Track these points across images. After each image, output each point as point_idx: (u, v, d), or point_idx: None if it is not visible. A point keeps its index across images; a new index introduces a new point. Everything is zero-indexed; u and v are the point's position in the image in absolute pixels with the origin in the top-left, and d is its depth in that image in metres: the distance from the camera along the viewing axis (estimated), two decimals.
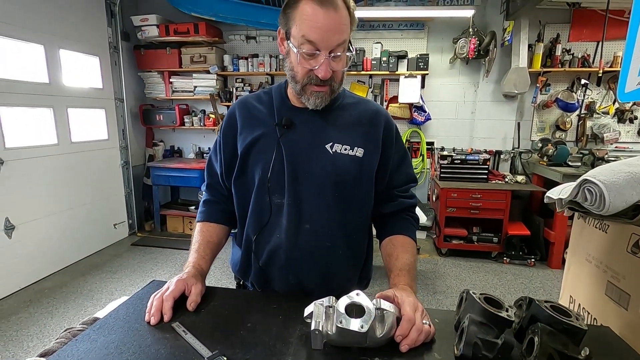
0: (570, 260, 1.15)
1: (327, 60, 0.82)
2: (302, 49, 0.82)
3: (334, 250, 0.95)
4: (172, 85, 4.17)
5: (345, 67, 0.88)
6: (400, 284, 0.84)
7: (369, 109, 0.99)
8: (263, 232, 0.94)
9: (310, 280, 0.95)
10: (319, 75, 0.83)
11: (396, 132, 1.02)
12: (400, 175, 1.02)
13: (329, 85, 0.88)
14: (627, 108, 3.68)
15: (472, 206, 3.39)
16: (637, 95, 0.86)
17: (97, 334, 0.72)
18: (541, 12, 3.50)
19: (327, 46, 0.81)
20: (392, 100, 4.04)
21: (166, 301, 0.77)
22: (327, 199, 0.92)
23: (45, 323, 2.43)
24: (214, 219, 1.02)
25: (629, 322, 0.86)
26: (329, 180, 0.91)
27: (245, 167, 0.95)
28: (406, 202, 1.02)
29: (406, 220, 1.02)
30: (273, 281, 0.97)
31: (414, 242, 0.98)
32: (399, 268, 0.89)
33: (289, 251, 0.92)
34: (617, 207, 0.85)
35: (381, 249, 1.01)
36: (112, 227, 3.85)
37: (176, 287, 0.80)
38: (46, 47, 3.04)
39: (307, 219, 0.92)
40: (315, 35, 0.79)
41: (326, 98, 0.90)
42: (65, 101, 3.23)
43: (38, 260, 3.00)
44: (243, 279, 1.05)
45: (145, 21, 3.86)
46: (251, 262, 0.98)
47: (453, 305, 3.06)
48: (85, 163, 3.46)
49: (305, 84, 0.87)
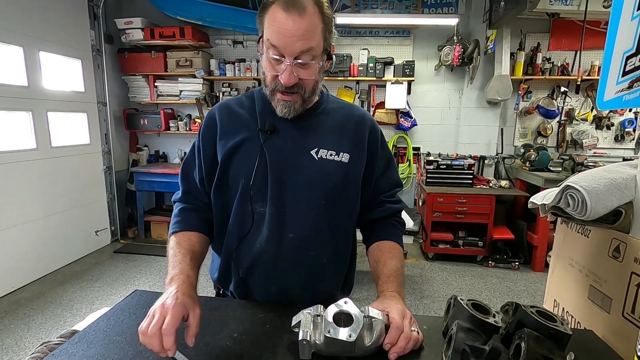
0: (554, 264, 1.17)
1: (289, 67, 0.79)
2: (269, 54, 0.80)
3: (319, 259, 0.91)
4: (157, 89, 4.11)
5: (319, 75, 0.85)
6: (388, 290, 0.83)
7: (354, 114, 0.97)
8: (244, 242, 0.90)
9: (293, 290, 0.92)
10: (281, 81, 0.81)
11: (381, 137, 1.00)
12: (386, 180, 1.01)
13: (299, 94, 0.85)
14: (604, 115, 3.81)
15: (458, 211, 3.44)
16: (615, 104, 0.89)
17: (75, 347, 0.69)
18: (522, 21, 3.60)
19: (290, 52, 0.78)
20: (378, 106, 4.08)
21: (167, 336, 0.61)
22: (311, 206, 0.89)
23: (22, 335, 2.33)
24: (194, 227, 0.92)
25: (611, 325, 0.87)
26: (314, 187, 0.89)
27: (227, 173, 0.91)
28: (393, 207, 1.01)
29: (393, 226, 1.01)
30: (254, 291, 0.93)
31: (401, 248, 0.97)
32: (386, 275, 0.87)
33: (272, 261, 0.89)
34: (598, 213, 0.88)
35: (368, 255, 0.99)
36: (93, 234, 3.74)
37: (174, 315, 0.63)
38: (25, 48, 2.95)
39: (291, 228, 0.88)
40: (277, 40, 0.78)
41: (296, 107, 0.86)
42: (45, 105, 3.14)
43: (14, 269, 2.88)
44: (223, 288, 1.01)
45: (129, 24, 3.79)
46: (231, 272, 0.94)
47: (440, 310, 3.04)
48: (66, 168, 3.36)
49: (272, 89, 0.85)
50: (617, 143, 3.88)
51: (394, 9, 3.86)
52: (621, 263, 0.86)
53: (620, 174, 0.91)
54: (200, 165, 0.95)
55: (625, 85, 0.86)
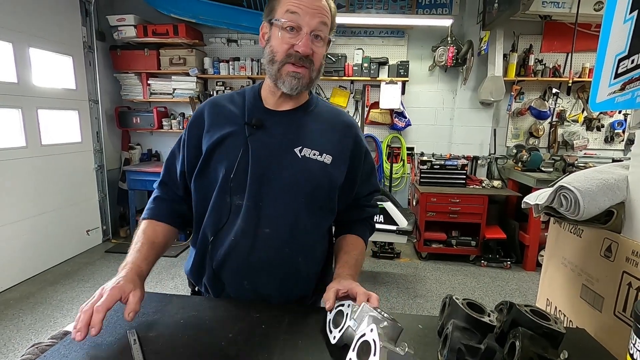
0: (547, 264, 1.18)
1: (308, 36, 0.84)
2: (286, 24, 0.84)
3: (293, 257, 0.92)
4: (150, 87, 4.07)
5: (324, 60, 0.92)
6: (345, 273, 0.87)
7: (341, 121, 0.99)
8: (220, 234, 0.90)
9: (266, 287, 0.92)
10: (299, 50, 0.84)
11: (365, 148, 1.02)
12: (367, 186, 1.04)
13: (308, 70, 0.88)
14: (594, 116, 3.87)
15: (451, 210, 3.46)
16: (608, 105, 0.90)
17: (67, 349, 0.68)
18: (515, 23, 3.64)
19: (308, 23, 0.84)
20: (373, 106, 4.09)
21: (97, 313, 0.65)
22: (290, 204, 0.89)
23: (10, 336, 2.29)
24: (163, 218, 0.95)
25: (603, 324, 0.88)
26: (293, 185, 0.89)
27: (209, 164, 0.92)
28: (370, 212, 1.06)
29: (364, 226, 1.06)
30: (227, 286, 0.93)
31: (365, 244, 1.03)
32: (344, 260, 0.93)
33: (245, 254, 0.89)
34: (590, 213, 0.89)
35: (334, 246, 1.04)
36: (84, 233, 3.69)
37: (110, 295, 0.68)
38: (14, 44, 2.89)
39: (267, 223, 0.88)
40: (297, 8, 0.83)
41: (303, 82, 0.88)
42: (35, 102, 3.08)
43: (3, 270, 2.83)
44: (196, 281, 1.00)
45: (122, 21, 3.74)
46: (205, 265, 0.94)
47: (433, 309, 3.06)
48: (56, 167, 3.31)
49: (284, 63, 0.87)
50: (607, 144, 3.94)
51: (389, 9, 3.88)
52: (613, 262, 0.88)
53: (612, 175, 0.92)
54: (184, 158, 0.96)
55: (617, 87, 0.87)
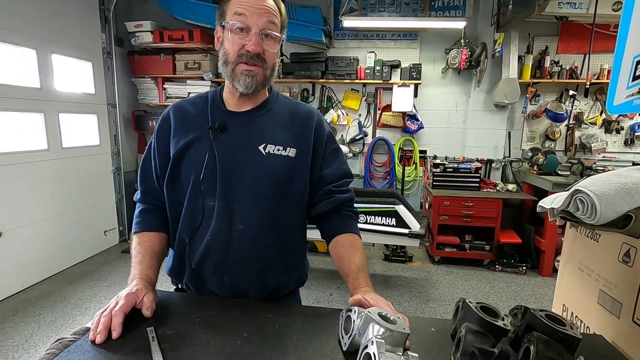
0: (563, 269, 1.16)
1: (257, 35, 0.87)
2: (235, 25, 0.87)
3: (267, 250, 0.94)
4: (165, 92, 4.16)
5: (277, 59, 0.95)
6: (362, 286, 0.87)
7: (300, 111, 1.02)
8: (196, 235, 0.94)
9: (245, 281, 0.95)
10: (249, 49, 0.87)
11: (328, 132, 1.03)
12: (333, 171, 1.02)
13: (261, 68, 0.90)
14: (613, 119, 3.77)
15: (465, 214, 3.42)
16: (625, 108, 0.89)
17: (89, 344, 0.71)
18: (530, 25, 3.59)
19: (256, 23, 0.87)
20: (385, 109, 4.08)
21: (116, 317, 0.72)
22: (259, 199, 0.92)
23: (32, 333, 2.36)
24: (153, 227, 0.98)
25: (621, 330, 0.87)
26: (261, 181, 0.92)
27: (178, 170, 0.95)
28: (342, 197, 1.00)
29: (346, 216, 1.01)
30: (208, 282, 0.96)
31: (359, 238, 0.99)
32: (355, 271, 0.90)
33: (222, 252, 0.92)
34: (608, 217, 0.87)
35: (330, 251, 1.00)
36: (102, 234, 3.79)
37: (126, 301, 0.75)
38: (38, 51, 3.01)
39: (240, 220, 0.92)
40: (244, 10, 0.86)
41: (257, 79, 0.91)
42: (56, 106, 3.19)
43: (24, 268, 2.93)
44: (177, 280, 1.03)
45: (139, 27, 3.85)
46: (184, 265, 0.97)
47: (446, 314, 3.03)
48: (75, 169, 3.41)
49: (237, 63, 0.90)
50: (626, 147, 3.83)
51: (401, 12, 3.87)
52: (631, 268, 0.86)
53: (631, 179, 0.90)
54: (156, 165, 0.99)
55: (635, 89, 0.86)
